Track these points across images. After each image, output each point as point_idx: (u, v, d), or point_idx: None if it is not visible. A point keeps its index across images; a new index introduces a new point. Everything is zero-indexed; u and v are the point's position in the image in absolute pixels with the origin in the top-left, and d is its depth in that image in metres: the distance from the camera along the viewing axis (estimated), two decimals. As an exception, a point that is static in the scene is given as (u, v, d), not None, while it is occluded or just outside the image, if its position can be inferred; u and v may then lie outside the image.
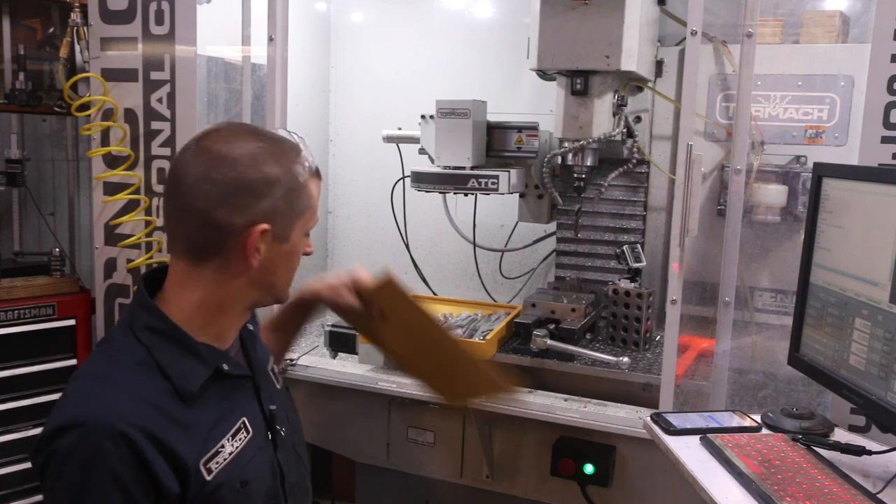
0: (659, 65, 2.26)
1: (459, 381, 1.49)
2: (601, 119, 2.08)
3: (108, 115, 2.30)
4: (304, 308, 1.60)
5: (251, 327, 1.43)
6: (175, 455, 1.15)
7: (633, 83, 2.18)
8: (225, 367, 1.27)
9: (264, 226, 1.22)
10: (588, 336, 2.23)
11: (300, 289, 1.66)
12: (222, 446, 1.23)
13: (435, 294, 2.76)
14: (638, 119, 2.30)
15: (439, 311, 2.50)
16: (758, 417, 1.61)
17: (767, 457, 1.39)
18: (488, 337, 2.10)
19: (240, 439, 1.27)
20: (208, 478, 1.19)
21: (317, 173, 1.29)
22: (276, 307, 1.63)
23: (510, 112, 2.39)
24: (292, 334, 1.68)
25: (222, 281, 1.25)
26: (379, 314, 1.45)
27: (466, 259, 2.75)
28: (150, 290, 1.27)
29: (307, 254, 1.34)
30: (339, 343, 2.26)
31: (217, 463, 1.21)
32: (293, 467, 1.41)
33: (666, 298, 1.80)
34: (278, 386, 1.46)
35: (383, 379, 2.11)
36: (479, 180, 2.15)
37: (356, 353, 2.29)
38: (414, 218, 2.77)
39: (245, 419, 1.29)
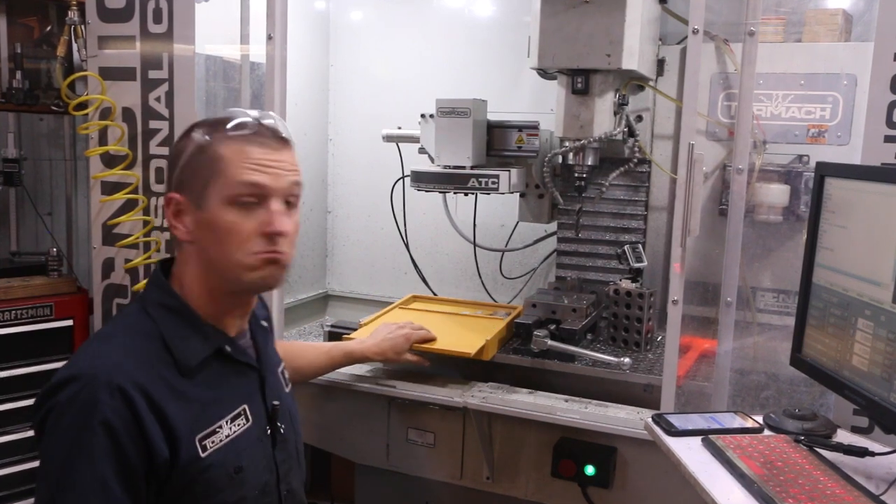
0: (660, 63, 2.26)
1: None
2: (602, 118, 2.08)
3: (105, 114, 2.29)
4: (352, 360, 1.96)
5: (265, 324, 1.45)
6: (167, 419, 1.17)
7: (635, 82, 2.17)
8: (227, 348, 1.30)
9: (174, 195, 1.25)
10: (589, 336, 2.22)
11: (356, 349, 1.95)
12: (220, 427, 1.25)
13: (435, 294, 2.75)
14: (639, 118, 2.29)
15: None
16: (760, 418, 1.60)
17: (769, 458, 1.38)
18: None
19: (238, 425, 1.28)
20: (202, 454, 1.21)
21: (244, 137, 1.22)
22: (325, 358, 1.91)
23: (510, 111, 2.38)
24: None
25: (189, 259, 1.29)
26: None
27: (466, 259, 2.74)
28: (167, 272, 1.33)
29: (273, 233, 1.23)
30: (338, 343, 2.24)
31: (213, 442, 1.23)
32: (292, 472, 1.41)
33: (667, 299, 1.79)
34: (287, 389, 1.47)
35: (383, 379, 2.10)
36: (480, 180, 2.14)
37: (355, 354, 2.29)
38: (414, 218, 2.76)
39: (246, 407, 1.31)
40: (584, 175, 2.19)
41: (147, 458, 1.15)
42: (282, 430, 1.38)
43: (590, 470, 1.89)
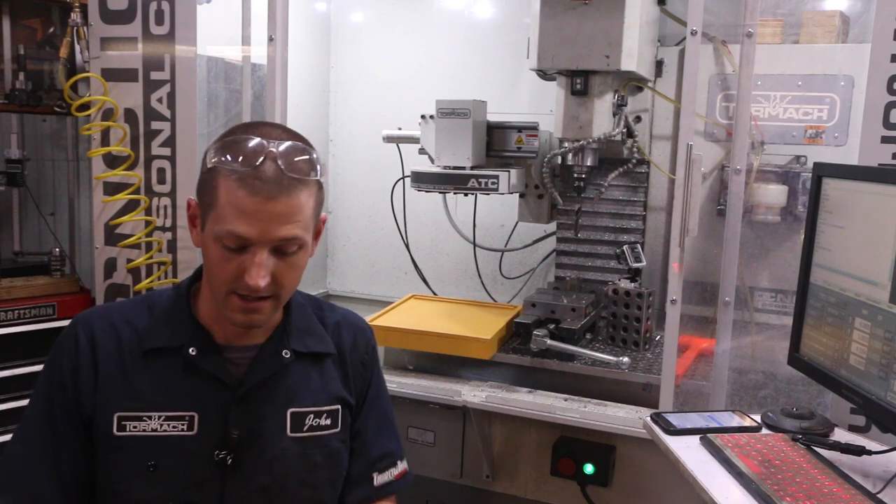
0: (659, 65, 2.27)
1: None
2: (601, 119, 2.09)
3: (108, 115, 2.30)
4: None
5: (286, 354, 1.30)
6: (98, 382, 1.24)
7: (633, 83, 2.18)
8: (191, 350, 1.25)
9: (192, 200, 1.27)
10: (588, 336, 2.23)
11: None
12: (149, 417, 1.23)
13: (435, 294, 2.76)
14: (638, 119, 2.30)
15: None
16: (758, 417, 1.61)
17: (767, 457, 1.39)
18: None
19: (175, 427, 1.23)
20: (116, 432, 1.22)
21: (240, 177, 1.13)
22: None
23: (510, 112, 2.39)
24: None
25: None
26: None
27: (466, 259, 2.75)
28: None
29: (250, 289, 1.15)
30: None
31: (134, 427, 1.23)
32: None
33: (666, 298, 1.80)
34: (291, 433, 1.30)
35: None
36: (479, 180, 2.15)
37: (356, 353, 2.30)
38: (414, 218, 2.77)
39: (196, 416, 1.24)
40: (583, 175, 2.20)
41: (79, 407, 1.24)
42: (245, 465, 1.25)
43: (589, 468, 1.90)
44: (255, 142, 1.16)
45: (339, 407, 1.36)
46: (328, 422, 1.33)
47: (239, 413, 1.26)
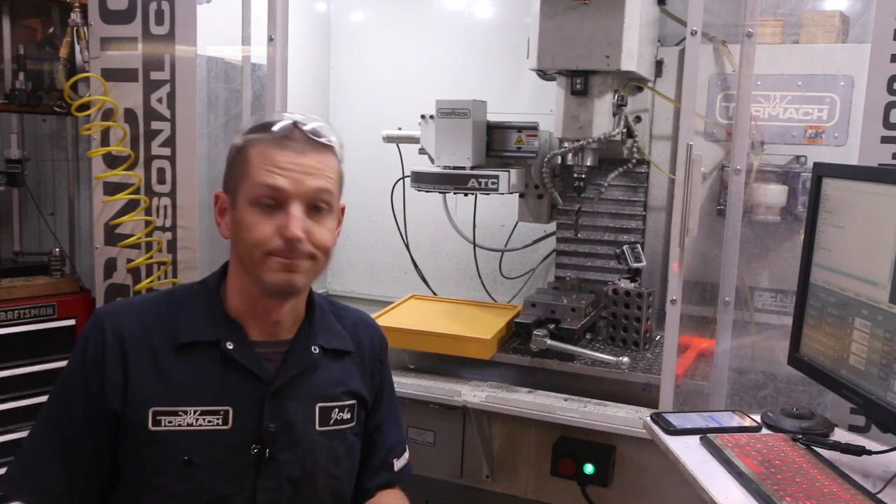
0: (659, 65, 2.27)
1: None
2: (601, 119, 2.09)
3: (107, 115, 2.30)
4: None
5: (315, 350, 1.35)
6: (128, 377, 1.23)
7: (633, 83, 2.18)
8: (229, 345, 1.27)
9: (221, 193, 1.30)
10: (588, 336, 2.23)
11: None
12: (185, 412, 1.24)
13: (435, 294, 2.76)
14: (638, 119, 2.30)
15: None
16: (758, 417, 1.61)
17: (767, 457, 1.39)
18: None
19: (209, 422, 1.25)
20: (151, 427, 1.22)
21: (272, 140, 1.23)
22: None
23: (510, 112, 2.39)
24: None
25: (232, 254, 1.33)
26: None
27: (466, 259, 2.75)
28: None
29: (288, 238, 1.20)
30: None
31: (170, 421, 1.23)
32: None
33: (666, 298, 1.80)
34: (320, 427, 1.34)
35: (383, 379, 2.12)
36: (479, 180, 2.15)
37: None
38: (414, 218, 2.77)
39: (231, 411, 1.26)
40: (583, 175, 2.20)
41: (102, 401, 1.23)
42: (278, 457, 1.28)
43: (589, 468, 1.90)
44: (280, 119, 1.26)
45: (356, 402, 1.41)
46: (347, 416, 1.39)
47: (273, 407, 1.29)
